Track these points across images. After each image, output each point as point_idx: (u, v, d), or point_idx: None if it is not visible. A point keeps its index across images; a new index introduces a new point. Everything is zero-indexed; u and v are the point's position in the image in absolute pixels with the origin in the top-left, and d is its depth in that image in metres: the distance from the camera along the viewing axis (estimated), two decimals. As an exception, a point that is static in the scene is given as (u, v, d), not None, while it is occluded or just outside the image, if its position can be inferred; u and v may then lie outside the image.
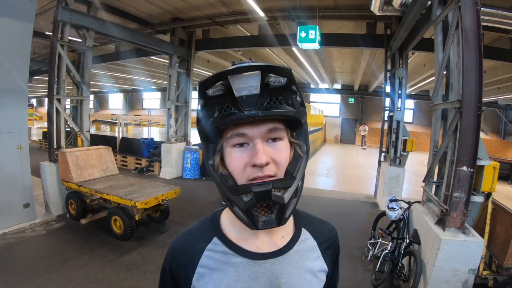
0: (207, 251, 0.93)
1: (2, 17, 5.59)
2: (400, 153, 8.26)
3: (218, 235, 0.95)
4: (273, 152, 0.81)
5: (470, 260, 3.51)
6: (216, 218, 1.00)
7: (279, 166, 0.83)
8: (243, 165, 0.81)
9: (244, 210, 0.79)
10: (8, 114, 5.93)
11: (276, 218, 0.81)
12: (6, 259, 4.92)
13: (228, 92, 0.77)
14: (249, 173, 0.80)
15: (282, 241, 0.96)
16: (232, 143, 0.82)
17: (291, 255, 0.94)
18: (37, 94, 37.49)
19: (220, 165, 0.86)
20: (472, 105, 3.57)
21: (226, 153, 0.84)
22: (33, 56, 13.47)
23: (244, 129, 0.80)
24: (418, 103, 27.27)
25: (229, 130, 0.81)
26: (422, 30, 5.99)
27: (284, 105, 0.80)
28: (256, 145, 0.80)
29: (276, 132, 0.82)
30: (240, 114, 0.76)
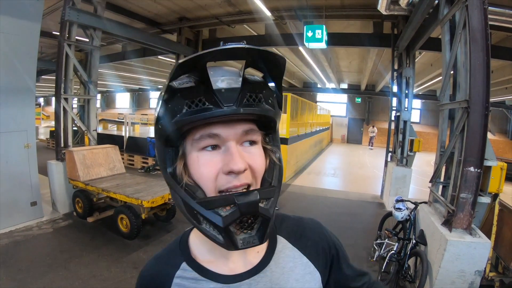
0: (177, 278, 0.81)
1: (10, 17, 5.65)
2: (407, 153, 8.22)
3: (187, 260, 0.83)
4: (249, 157, 0.70)
5: (476, 262, 3.48)
6: (184, 239, 0.88)
7: (255, 174, 0.72)
8: (215, 172, 0.68)
9: (221, 227, 0.65)
10: (15, 113, 6.00)
11: (257, 234, 0.69)
12: (13, 256, 4.97)
13: (202, 83, 0.64)
14: (222, 182, 0.68)
15: (257, 257, 0.83)
16: (201, 145, 0.69)
17: (269, 271, 0.82)
18: (44, 94, 37.79)
19: (183, 174, 0.71)
20: (479, 105, 3.54)
21: (192, 158, 0.70)
22: (41, 55, 13.56)
23: (217, 129, 0.67)
24: (425, 103, 27.11)
25: (197, 131, 0.68)
26: (429, 29, 5.95)
27: (264, 103, 0.69)
28: (230, 148, 0.68)
29: (252, 135, 0.71)
30: (217, 110, 0.63)
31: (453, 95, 4.20)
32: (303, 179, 12.21)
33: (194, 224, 0.70)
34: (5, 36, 5.64)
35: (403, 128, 8.25)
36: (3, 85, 5.74)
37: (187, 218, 0.71)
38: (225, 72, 0.67)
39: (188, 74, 0.67)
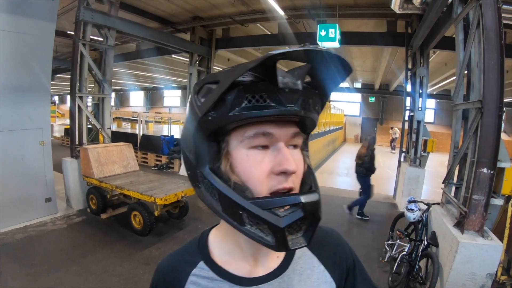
0: (192, 276, 0.81)
1: (26, 18, 5.77)
2: (420, 154, 8.14)
3: (204, 259, 0.82)
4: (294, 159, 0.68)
5: (488, 264, 3.44)
6: (203, 239, 0.87)
7: (298, 177, 0.70)
8: (266, 172, 0.66)
9: (280, 228, 0.61)
10: (31, 111, 6.12)
11: (305, 235, 0.66)
12: (27, 251, 5.08)
13: (266, 79, 0.61)
14: (273, 183, 0.66)
15: (277, 261, 0.83)
16: (253, 143, 0.66)
17: (287, 277, 0.81)
18: (59, 92, 38.33)
19: (230, 172, 0.68)
20: (493, 106, 3.49)
21: (240, 156, 0.67)
22: (56, 54, 13.77)
23: (272, 128, 0.65)
24: (440, 103, 26.75)
25: (250, 128, 0.65)
26: (443, 28, 5.87)
27: (312, 109, 0.68)
28: (282, 149, 0.66)
29: (298, 138, 0.71)
30: (280, 108, 0.61)
31: (467, 95, 4.16)
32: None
33: (234, 225, 0.66)
34: (21, 36, 5.76)
35: (417, 128, 8.17)
36: (20, 84, 5.87)
37: (224, 218, 0.68)
38: (286, 73, 0.63)
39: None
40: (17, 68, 5.82)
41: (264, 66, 0.58)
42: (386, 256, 5.12)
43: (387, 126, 28.80)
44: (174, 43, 10.29)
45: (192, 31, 11.03)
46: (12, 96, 5.77)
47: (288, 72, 0.64)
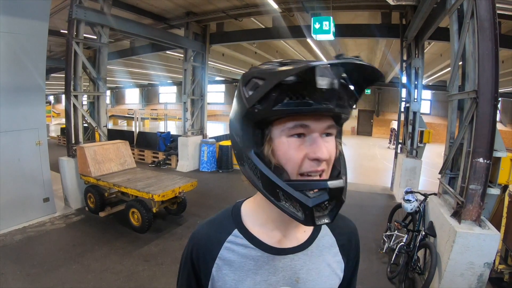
0: (227, 243, 0.92)
1: (19, 18, 5.72)
2: (416, 145, 8.17)
3: (238, 228, 0.93)
4: (327, 147, 0.78)
5: (485, 254, 3.47)
6: (237, 209, 0.99)
7: (329, 162, 0.80)
8: (301, 157, 0.76)
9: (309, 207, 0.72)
10: (27, 111, 6.10)
11: (329, 214, 0.76)
12: (27, 252, 5.08)
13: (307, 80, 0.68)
14: (307, 166, 0.76)
15: (303, 236, 0.95)
16: (292, 133, 0.76)
17: (310, 251, 0.94)
18: (54, 91, 38.09)
19: (271, 156, 0.78)
20: (488, 96, 3.50)
21: (281, 143, 0.77)
22: (49, 54, 13.69)
23: (309, 121, 0.75)
24: (436, 94, 26.74)
25: (290, 120, 0.76)
26: (437, 19, 5.87)
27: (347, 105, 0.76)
28: (317, 139, 0.76)
29: (332, 129, 0.80)
30: (317, 106, 0.71)
31: (462, 85, 4.17)
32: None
33: (272, 200, 0.77)
34: (14, 36, 5.72)
35: (413, 119, 8.19)
36: (15, 84, 5.84)
37: (264, 194, 0.79)
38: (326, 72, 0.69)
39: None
40: (11, 69, 5.78)
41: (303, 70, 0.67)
42: (385, 247, 5.16)
43: (383, 118, 28.84)
44: (168, 39, 10.25)
45: (186, 26, 10.98)
46: (7, 97, 5.74)
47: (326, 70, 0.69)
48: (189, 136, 11.45)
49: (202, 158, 11.56)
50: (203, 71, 11.80)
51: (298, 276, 0.90)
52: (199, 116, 12.12)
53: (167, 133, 13.55)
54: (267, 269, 0.88)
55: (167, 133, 13.57)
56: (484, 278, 3.53)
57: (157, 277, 4.50)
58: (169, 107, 35.15)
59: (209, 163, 11.44)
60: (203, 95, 12.00)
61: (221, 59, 16.51)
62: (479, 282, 3.54)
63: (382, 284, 4.50)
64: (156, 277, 4.50)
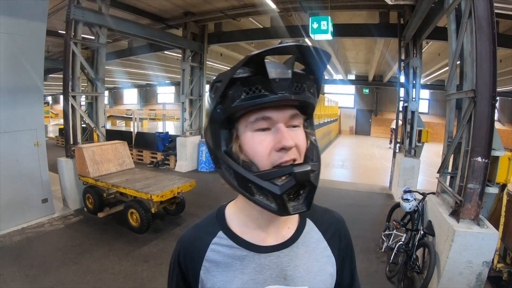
0: (213, 244, 0.93)
1: (16, 18, 5.70)
2: (415, 144, 8.18)
3: (223, 229, 0.94)
4: (295, 137, 0.79)
5: (484, 252, 3.47)
6: (221, 211, 1.00)
7: (300, 151, 0.81)
8: (268, 149, 0.77)
9: (278, 195, 0.74)
10: (25, 112, 6.08)
11: (305, 202, 0.78)
12: (26, 253, 5.07)
13: (259, 73, 0.72)
14: (275, 158, 0.77)
15: (288, 233, 0.95)
16: (256, 127, 0.78)
17: (296, 247, 0.94)
18: (52, 92, 38.06)
19: (239, 152, 0.80)
20: (486, 95, 3.50)
21: (247, 138, 0.79)
22: (48, 54, 13.67)
23: (270, 112, 0.77)
24: (434, 93, 26.83)
25: (252, 114, 0.77)
26: (435, 18, 5.89)
27: (307, 92, 0.79)
28: (281, 128, 0.77)
29: (297, 119, 0.81)
30: (272, 96, 0.73)
31: (460, 84, 4.17)
32: (311, 172, 12.19)
33: (247, 196, 0.79)
34: (12, 37, 5.70)
35: (411, 119, 8.20)
36: (13, 85, 5.82)
37: (239, 191, 0.81)
38: (278, 65, 0.74)
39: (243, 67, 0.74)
40: (9, 69, 5.76)
41: (253, 63, 0.72)
42: (383, 247, 5.16)
43: (381, 117, 28.90)
44: (167, 39, 10.25)
45: (184, 26, 10.98)
46: (5, 98, 5.71)
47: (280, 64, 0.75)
48: (187, 136, 11.44)
49: (201, 158, 11.56)
50: (201, 71, 11.80)
51: (285, 273, 0.90)
52: (198, 116, 12.11)
53: (165, 133, 13.54)
54: (254, 267, 0.89)
55: (166, 133, 13.56)
56: (483, 277, 3.54)
57: (156, 277, 4.49)
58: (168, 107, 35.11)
59: (208, 163, 11.42)
60: (201, 95, 11.99)
61: (219, 59, 16.52)
62: (478, 281, 3.55)
63: (381, 283, 4.50)
64: (155, 277, 4.49)
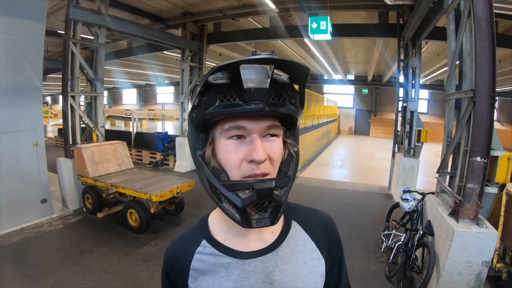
0: (197, 254, 0.92)
1: (16, 18, 5.69)
2: (414, 144, 8.18)
3: (206, 238, 0.94)
4: (269, 149, 0.77)
5: (483, 252, 3.47)
6: (204, 220, 0.99)
7: (273, 164, 0.79)
8: (239, 159, 0.76)
9: (239, 208, 0.73)
10: (24, 112, 6.06)
11: (269, 217, 0.77)
12: (25, 253, 5.06)
13: (235, 81, 0.71)
14: (245, 169, 0.76)
15: (272, 237, 0.93)
16: (229, 135, 0.76)
17: (281, 251, 0.91)
18: (51, 92, 38.03)
19: (211, 157, 0.80)
20: (485, 95, 3.50)
21: (220, 145, 0.78)
22: (47, 54, 13.67)
23: (244, 122, 0.75)
24: (433, 93, 26.88)
25: (226, 122, 0.76)
26: (434, 18, 5.89)
27: (288, 103, 0.76)
28: (254, 141, 0.75)
29: (274, 129, 0.78)
30: (246, 106, 0.71)
31: (459, 84, 4.17)
32: (310, 171, 12.23)
33: (216, 202, 0.78)
34: (11, 37, 5.69)
35: (410, 119, 8.20)
36: (12, 85, 5.80)
37: (210, 196, 0.80)
38: (256, 72, 0.72)
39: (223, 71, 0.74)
40: (8, 69, 5.74)
41: (232, 69, 0.71)
42: (383, 247, 5.16)
43: (381, 117, 28.93)
44: (166, 39, 10.25)
45: (183, 26, 10.98)
46: (4, 98, 5.70)
47: (260, 72, 0.73)
48: (186, 137, 11.40)
49: (200, 158, 11.53)
50: (200, 71, 11.79)
51: (271, 278, 0.88)
52: (197, 116, 12.08)
53: (164, 133, 13.53)
54: (239, 274, 0.87)
55: (165, 133, 13.56)
56: (482, 277, 3.54)
57: (156, 277, 4.48)
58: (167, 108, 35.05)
59: (207, 163, 11.39)
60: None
61: (218, 59, 16.52)
62: (477, 281, 3.55)
63: (381, 283, 4.50)
64: (155, 277, 4.49)
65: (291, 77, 0.79)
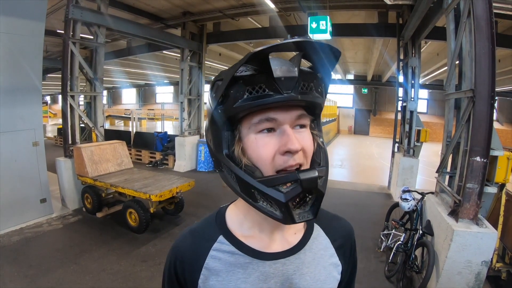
0: (213, 251, 0.85)
1: (15, 18, 5.69)
2: (413, 144, 8.18)
3: (224, 234, 0.87)
4: (301, 139, 0.74)
5: (483, 252, 3.47)
6: (221, 215, 0.92)
7: (306, 155, 0.76)
8: (272, 153, 0.72)
9: (282, 203, 0.69)
10: (23, 112, 6.06)
11: (311, 209, 0.74)
12: (24, 253, 5.06)
13: (264, 71, 0.68)
14: (280, 162, 0.72)
15: (294, 238, 0.89)
16: (259, 128, 0.73)
17: (303, 254, 0.87)
18: (50, 92, 38.01)
19: (241, 155, 0.75)
20: (485, 94, 3.50)
21: (250, 140, 0.74)
22: (46, 54, 13.68)
23: (275, 113, 0.72)
24: (433, 93, 26.89)
25: (255, 115, 0.72)
26: (434, 18, 5.90)
27: (314, 92, 0.74)
28: (286, 131, 0.72)
29: (303, 119, 0.76)
30: (277, 96, 0.68)
31: (459, 84, 4.17)
32: (310, 171, 12.20)
33: (249, 202, 0.74)
34: (10, 37, 5.68)
35: (410, 118, 8.21)
36: (11, 84, 5.80)
37: (242, 197, 0.76)
38: (283, 62, 0.70)
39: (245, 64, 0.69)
40: (7, 69, 5.74)
41: (258, 60, 0.66)
42: (382, 246, 5.16)
43: (380, 117, 28.95)
44: (165, 39, 10.23)
45: (183, 26, 10.98)
46: (3, 98, 5.70)
47: (286, 62, 0.71)
48: (186, 136, 11.43)
49: (199, 158, 11.55)
50: (200, 71, 11.80)
51: (291, 281, 0.83)
52: (196, 116, 12.11)
53: (164, 133, 13.53)
54: (257, 276, 0.82)
55: (164, 133, 13.55)
56: (482, 277, 3.54)
57: (155, 277, 4.49)
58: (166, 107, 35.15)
59: (206, 163, 11.42)
60: (200, 95, 12.00)
61: (218, 59, 16.52)
62: (477, 281, 3.56)
63: (380, 283, 4.51)
64: (154, 277, 4.48)
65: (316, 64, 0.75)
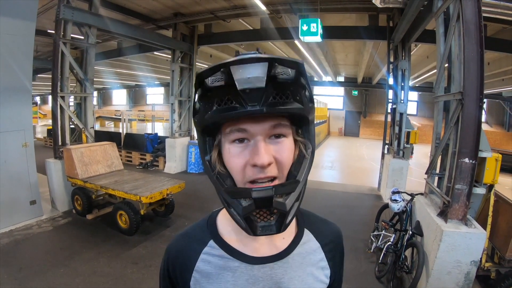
0: (204, 254, 0.88)
1: (5, 17, 5.62)
2: (403, 145, 8.26)
3: (214, 238, 0.89)
4: (276, 151, 0.73)
5: (472, 252, 3.52)
6: (212, 219, 0.94)
7: (281, 167, 0.75)
8: (242, 163, 0.73)
9: (242, 216, 0.71)
10: (12, 112, 5.99)
11: (276, 224, 0.73)
12: (14, 255, 5.00)
13: (230, 83, 0.66)
14: (249, 174, 0.73)
15: (283, 243, 0.89)
16: (231, 138, 0.73)
17: (291, 258, 0.88)
18: (41, 92, 37.62)
19: (217, 162, 0.78)
20: (473, 97, 3.56)
21: (225, 149, 0.76)
22: (36, 54, 13.49)
23: (245, 124, 0.71)
24: (422, 95, 27.13)
25: (228, 125, 0.73)
26: (424, 22, 5.96)
27: (292, 100, 0.70)
28: (257, 143, 0.71)
29: (280, 129, 0.74)
30: (242, 109, 0.67)
31: (448, 87, 4.23)
32: (301, 173, 12.23)
33: (225, 206, 0.76)
34: (0, 36, 5.61)
35: (400, 120, 8.28)
36: (0, 85, 5.72)
37: (221, 200, 0.77)
38: (252, 71, 0.66)
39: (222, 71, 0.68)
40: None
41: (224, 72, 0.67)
42: (372, 247, 5.20)
43: (370, 119, 29.14)
44: (156, 40, 10.19)
45: (174, 27, 10.94)
46: (-8, 98, 5.63)
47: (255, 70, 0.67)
48: (176, 138, 11.39)
49: (190, 160, 11.52)
50: (190, 72, 11.76)
51: (279, 285, 0.85)
52: (187, 117, 12.06)
53: (154, 134, 13.48)
54: (246, 279, 0.84)
55: (155, 134, 13.50)
56: (471, 276, 3.59)
57: (146, 279, 4.47)
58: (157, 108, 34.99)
59: (197, 164, 11.39)
60: (191, 96, 11.94)
61: (209, 60, 16.48)
62: (466, 280, 3.60)
63: (370, 283, 4.55)
64: (145, 279, 4.47)
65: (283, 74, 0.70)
